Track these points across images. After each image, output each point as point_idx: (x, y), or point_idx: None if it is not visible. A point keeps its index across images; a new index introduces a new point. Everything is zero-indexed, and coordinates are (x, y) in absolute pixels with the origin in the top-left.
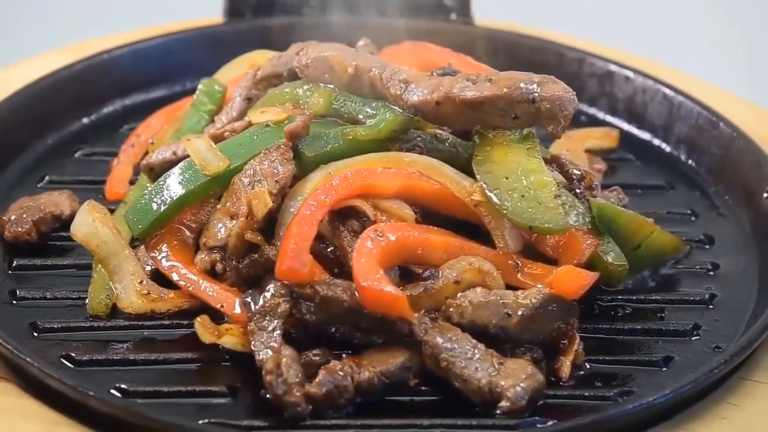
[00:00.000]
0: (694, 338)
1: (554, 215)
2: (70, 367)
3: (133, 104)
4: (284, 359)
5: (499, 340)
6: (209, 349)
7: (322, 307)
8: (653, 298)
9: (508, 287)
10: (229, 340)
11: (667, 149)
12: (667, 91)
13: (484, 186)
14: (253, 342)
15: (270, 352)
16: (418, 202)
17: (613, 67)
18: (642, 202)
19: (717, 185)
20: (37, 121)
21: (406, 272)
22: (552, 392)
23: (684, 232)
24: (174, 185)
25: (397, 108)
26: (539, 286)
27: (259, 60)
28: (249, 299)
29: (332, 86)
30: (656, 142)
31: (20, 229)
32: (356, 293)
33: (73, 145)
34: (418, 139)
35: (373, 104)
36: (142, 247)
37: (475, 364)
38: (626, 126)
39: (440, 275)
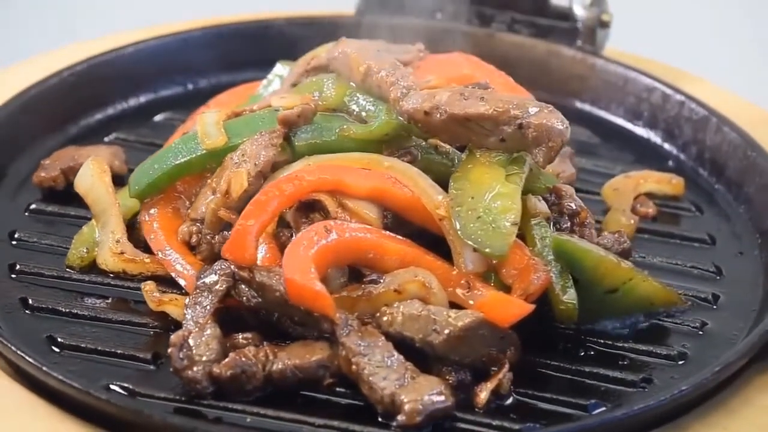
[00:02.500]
0: (638, 390)
1: (500, 241)
2: (22, 311)
3: (235, 80)
4: (204, 337)
5: (427, 356)
6: (162, 317)
7: (258, 293)
8: (621, 345)
9: (455, 306)
10: (173, 310)
11: (733, 205)
12: (746, 145)
13: (450, 202)
14: (185, 314)
15: (195, 327)
16: (390, 208)
17: (707, 113)
18: (671, 252)
19: (765, 251)
20: (133, 81)
21: (360, 275)
22: (461, 416)
23: (692, 287)
24: (174, 154)
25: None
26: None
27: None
28: (201, 274)
29: (352, 83)
30: (728, 197)
31: (44, 175)
32: None
33: (160, 109)
34: (414, 146)
35: (379, 106)
36: None
37: (384, 373)
38: (706, 175)
39: (382, 281)
